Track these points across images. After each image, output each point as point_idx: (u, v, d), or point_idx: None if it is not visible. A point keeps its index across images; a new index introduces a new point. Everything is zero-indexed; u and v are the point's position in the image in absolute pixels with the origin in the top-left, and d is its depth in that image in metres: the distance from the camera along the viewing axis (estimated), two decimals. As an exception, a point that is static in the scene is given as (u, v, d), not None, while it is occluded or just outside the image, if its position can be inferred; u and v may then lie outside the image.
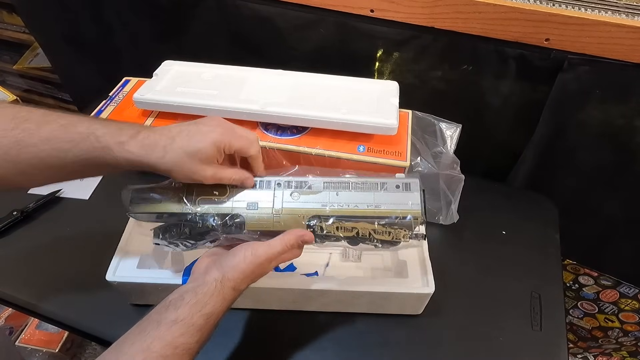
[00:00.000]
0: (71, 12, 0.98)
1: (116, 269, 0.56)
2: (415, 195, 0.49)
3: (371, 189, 0.49)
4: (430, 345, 0.59)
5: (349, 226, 0.48)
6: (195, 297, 0.41)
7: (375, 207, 0.48)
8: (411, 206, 0.48)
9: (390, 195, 0.49)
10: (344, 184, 0.50)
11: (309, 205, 0.48)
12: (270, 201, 0.49)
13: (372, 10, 0.72)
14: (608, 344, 1.08)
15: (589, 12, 0.64)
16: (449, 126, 0.70)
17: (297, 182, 0.50)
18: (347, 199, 0.49)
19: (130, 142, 0.42)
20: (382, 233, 0.48)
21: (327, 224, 0.48)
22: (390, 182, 0.50)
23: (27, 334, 1.12)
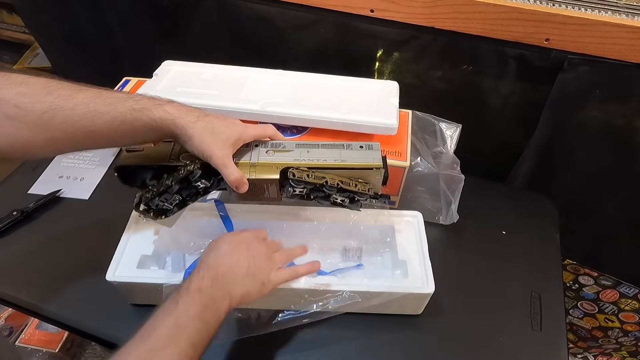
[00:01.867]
0: (71, 12, 0.98)
1: (116, 269, 0.56)
2: (376, 153, 0.54)
3: (338, 147, 0.55)
4: (430, 345, 0.59)
5: (319, 175, 0.52)
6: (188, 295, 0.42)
7: (341, 161, 0.53)
8: (374, 160, 0.53)
9: (355, 152, 0.54)
10: (314, 145, 0.55)
11: (282, 159, 0.53)
12: (248, 156, 0.53)
13: (372, 10, 0.72)
14: (608, 344, 1.08)
15: (589, 12, 0.64)
16: (449, 126, 0.70)
17: (273, 144, 0.55)
18: (316, 155, 0.54)
19: (167, 105, 0.47)
20: (349, 184, 0.53)
21: (297, 171, 0.52)
22: (355, 143, 0.56)
23: (27, 334, 1.12)
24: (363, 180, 0.54)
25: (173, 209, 0.54)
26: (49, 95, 0.42)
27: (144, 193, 0.51)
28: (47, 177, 0.78)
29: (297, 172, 0.52)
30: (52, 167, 0.80)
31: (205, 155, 0.47)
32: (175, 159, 0.52)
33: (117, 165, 0.53)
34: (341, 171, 0.53)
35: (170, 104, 0.47)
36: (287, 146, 0.55)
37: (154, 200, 0.52)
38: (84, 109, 0.43)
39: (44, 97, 0.42)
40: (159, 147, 0.54)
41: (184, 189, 0.53)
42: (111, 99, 0.45)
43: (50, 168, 0.79)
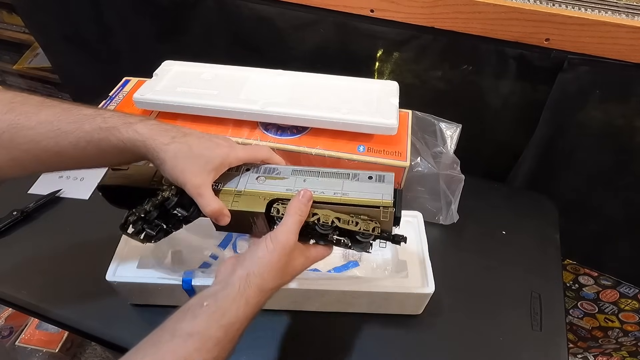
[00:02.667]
0: (71, 12, 0.98)
1: (116, 269, 0.56)
2: (388, 187, 0.45)
3: (341, 177, 0.46)
4: (430, 345, 0.59)
5: (310, 211, 0.44)
6: (216, 303, 0.37)
7: (342, 194, 0.45)
8: (382, 197, 0.44)
9: (361, 185, 0.45)
10: (313, 172, 0.47)
11: (272, 189, 0.46)
12: (234, 183, 0.47)
13: (372, 10, 0.72)
14: (608, 344, 1.08)
15: (589, 12, 0.64)
16: (449, 126, 0.70)
17: (267, 169, 0.48)
18: (313, 185, 0.46)
19: (138, 124, 0.42)
20: (348, 222, 0.43)
21: (283, 207, 0.44)
22: (363, 173, 0.47)
23: (27, 334, 1.12)
24: (367, 217, 0.44)
25: (158, 235, 0.48)
26: (11, 113, 0.39)
27: (129, 215, 0.46)
28: (47, 177, 0.78)
29: (282, 208, 0.44)
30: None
31: (179, 183, 0.43)
32: (157, 181, 0.47)
33: (99, 184, 0.50)
34: (341, 207, 0.44)
35: (143, 122, 0.42)
36: (282, 172, 0.48)
37: (137, 224, 0.47)
38: (46, 128, 0.39)
39: (4, 114, 0.39)
40: (145, 167, 0.49)
41: (165, 215, 0.47)
42: (77, 116, 0.41)
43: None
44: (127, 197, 0.48)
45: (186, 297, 0.56)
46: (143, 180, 0.48)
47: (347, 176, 0.46)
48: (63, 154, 0.41)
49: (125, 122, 0.41)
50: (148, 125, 0.42)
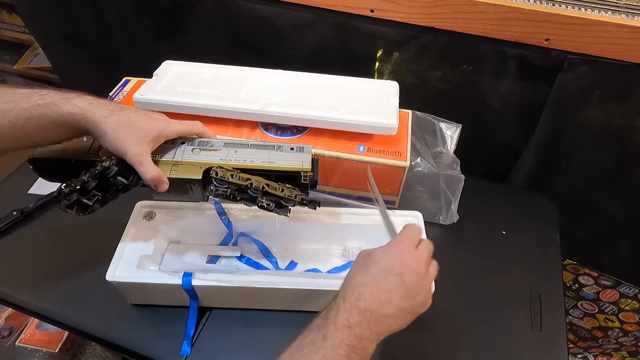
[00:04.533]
0: (71, 12, 0.98)
1: (116, 269, 0.56)
2: (307, 156, 0.52)
3: (268, 148, 0.53)
4: (430, 345, 0.59)
5: (244, 176, 0.50)
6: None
7: (269, 162, 0.51)
8: (302, 164, 0.51)
9: (285, 154, 0.52)
10: (243, 144, 0.53)
11: (207, 159, 0.51)
12: (171, 154, 0.51)
13: (372, 10, 0.72)
14: (608, 344, 1.08)
15: (589, 12, 0.64)
16: (449, 126, 0.70)
17: (201, 142, 0.53)
18: (244, 155, 0.52)
19: (76, 98, 0.44)
20: (276, 189, 0.50)
21: (221, 170, 0.50)
22: (286, 145, 0.54)
23: (27, 334, 1.12)
24: (290, 186, 0.51)
25: (94, 206, 0.50)
26: None
27: (62, 188, 0.48)
28: (47, 177, 0.78)
29: (220, 171, 0.50)
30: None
31: (119, 152, 0.45)
32: (94, 153, 0.50)
33: (30, 157, 0.50)
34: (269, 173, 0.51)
35: (80, 97, 0.45)
36: (215, 145, 0.53)
37: (71, 195, 0.48)
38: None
39: None
40: (79, 141, 0.52)
41: (102, 185, 0.50)
42: (14, 95, 0.43)
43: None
44: (61, 170, 0.50)
45: (186, 297, 0.56)
46: (79, 153, 0.51)
47: (273, 147, 0.53)
48: (4, 134, 0.42)
49: (63, 98, 0.44)
50: (86, 99, 0.45)
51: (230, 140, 0.53)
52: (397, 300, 0.40)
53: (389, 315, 0.40)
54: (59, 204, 0.48)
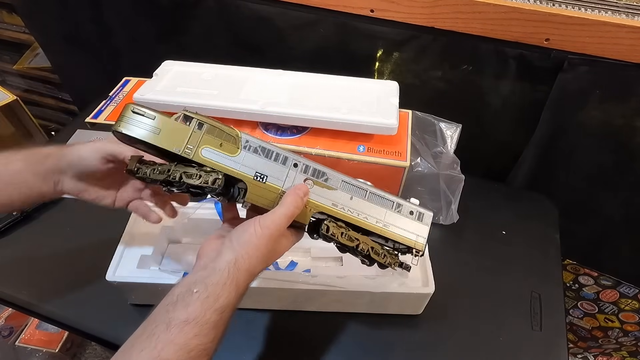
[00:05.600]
0: (71, 12, 0.98)
1: (116, 269, 0.56)
2: (424, 229, 0.47)
3: (385, 206, 0.46)
4: (430, 345, 0.59)
5: (354, 236, 0.45)
6: (206, 289, 0.37)
7: (383, 225, 0.46)
8: (417, 238, 0.47)
9: (402, 220, 0.47)
10: (360, 191, 0.46)
11: (319, 199, 0.45)
12: (281, 180, 0.44)
13: (372, 10, 0.72)
14: (608, 344, 1.08)
15: (589, 12, 0.64)
16: (449, 126, 0.70)
17: (315, 170, 0.45)
18: (359, 206, 0.46)
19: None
20: (380, 255, 0.46)
21: (333, 226, 0.44)
22: (406, 206, 0.47)
23: (27, 334, 1.12)
24: (393, 253, 0.48)
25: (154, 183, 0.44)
26: None
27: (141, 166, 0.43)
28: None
29: (332, 228, 0.44)
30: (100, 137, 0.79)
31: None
32: (193, 148, 0.42)
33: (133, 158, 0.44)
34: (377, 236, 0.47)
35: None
36: (331, 180, 0.45)
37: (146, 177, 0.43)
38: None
39: None
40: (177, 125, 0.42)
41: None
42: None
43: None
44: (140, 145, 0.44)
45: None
46: (175, 142, 0.42)
47: (391, 206, 0.47)
48: None
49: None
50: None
51: (349, 180, 0.46)
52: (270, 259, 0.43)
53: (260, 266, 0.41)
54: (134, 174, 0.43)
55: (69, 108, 1.53)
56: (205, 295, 0.37)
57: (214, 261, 0.39)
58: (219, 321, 0.37)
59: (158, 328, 0.35)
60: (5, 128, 1.17)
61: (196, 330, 0.35)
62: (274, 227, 0.40)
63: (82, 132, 0.85)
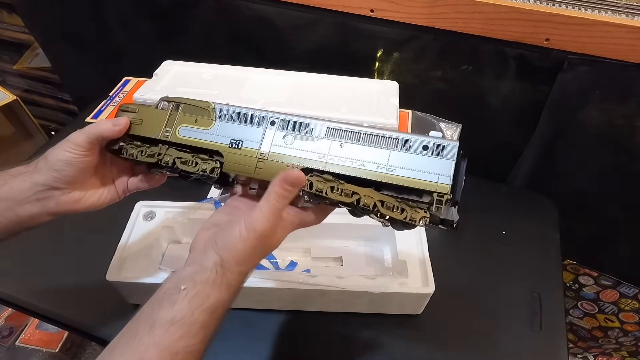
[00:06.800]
0: (71, 12, 0.98)
1: (116, 269, 0.56)
2: (447, 164, 0.37)
3: (388, 145, 0.38)
4: (430, 345, 0.59)
5: (349, 189, 0.37)
6: (195, 287, 0.35)
7: (387, 170, 0.37)
8: (438, 179, 0.36)
9: (413, 158, 0.37)
10: (353, 134, 0.38)
11: (302, 154, 0.39)
12: (257, 141, 0.40)
13: (372, 10, 0.72)
14: (608, 344, 1.08)
15: (589, 12, 0.64)
16: (449, 126, 0.70)
17: (295, 124, 0.40)
18: (352, 153, 0.38)
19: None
20: (393, 209, 0.37)
21: (318, 180, 0.37)
22: (417, 139, 0.37)
23: (27, 334, 1.12)
24: (415, 204, 0.37)
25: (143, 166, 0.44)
26: None
27: (126, 145, 0.43)
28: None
29: (316, 182, 0.37)
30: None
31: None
32: (171, 130, 0.42)
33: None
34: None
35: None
36: (315, 130, 0.39)
37: (132, 158, 0.43)
38: None
39: None
40: (156, 112, 0.43)
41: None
42: None
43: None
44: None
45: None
46: (154, 128, 0.43)
47: (396, 143, 0.37)
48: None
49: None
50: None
51: (336, 124, 0.39)
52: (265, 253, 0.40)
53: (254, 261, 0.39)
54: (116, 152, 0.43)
55: (69, 108, 1.53)
56: (193, 294, 0.34)
57: (202, 258, 0.37)
58: (209, 321, 0.35)
59: (141, 328, 0.33)
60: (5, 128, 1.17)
61: (183, 331, 0.33)
62: (260, 228, 0.36)
63: (82, 132, 0.85)
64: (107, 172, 0.46)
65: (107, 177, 0.46)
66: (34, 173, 0.42)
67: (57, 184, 0.42)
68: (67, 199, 0.43)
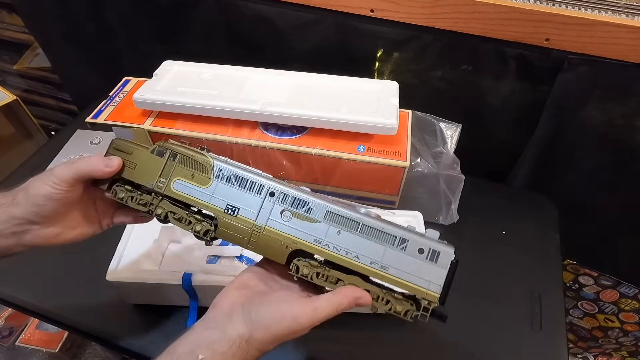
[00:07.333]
0: (71, 12, 0.98)
1: (116, 269, 0.56)
2: (440, 272, 0.37)
3: (385, 240, 0.37)
4: (430, 345, 0.59)
5: (334, 276, 0.38)
6: (212, 357, 0.33)
7: (380, 267, 0.37)
8: (429, 286, 0.36)
9: (407, 260, 0.37)
10: (351, 223, 0.38)
11: (298, 234, 0.38)
12: (254, 212, 0.39)
13: (372, 10, 0.72)
14: (608, 344, 1.08)
15: (589, 12, 0.64)
16: (449, 126, 0.70)
17: (294, 200, 0.39)
18: (348, 243, 0.37)
19: None
20: (378, 299, 0.37)
21: (304, 265, 0.38)
22: (414, 240, 0.37)
23: (27, 334, 1.12)
24: (401, 297, 0.37)
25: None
26: None
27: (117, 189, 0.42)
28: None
29: (302, 267, 0.38)
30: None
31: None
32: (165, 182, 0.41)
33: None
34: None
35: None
36: (314, 210, 0.38)
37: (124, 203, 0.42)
38: None
39: None
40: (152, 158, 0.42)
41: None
42: None
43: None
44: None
45: (186, 297, 0.56)
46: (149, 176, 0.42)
47: (392, 241, 0.37)
48: None
49: None
50: None
51: (336, 209, 0.38)
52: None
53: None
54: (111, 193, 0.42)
55: (69, 108, 1.53)
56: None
57: (226, 324, 0.35)
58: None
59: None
60: (5, 128, 1.17)
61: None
62: (307, 325, 0.34)
63: (82, 132, 0.85)
64: (90, 206, 0.44)
65: (91, 211, 0.44)
66: (11, 206, 0.39)
67: (36, 218, 0.39)
68: (45, 233, 0.41)
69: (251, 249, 0.39)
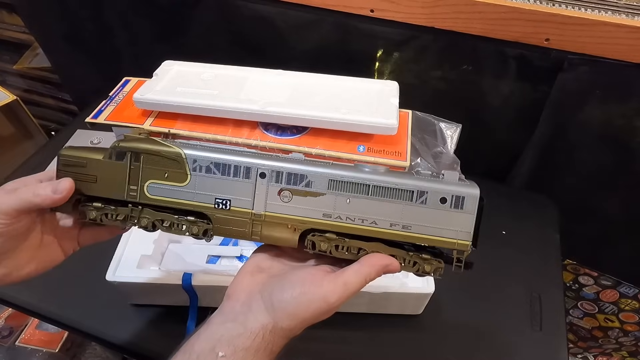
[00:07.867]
0: (71, 12, 0.98)
1: (116, 269, 0.56)
2: (467, 219, 0.34)
3: (401, 197, 0.33)
4: (430, 345, 0.59)
5: (355, 246, 0.35)
6: (234, 354, 0.30)
7: (402, 227, 0.34)
8: (458, 235, 0.34)
9: (429, 214, 0.33)
10: (360, 187, 0.34)
11: (303, 213, 0.34)
12: (248, 200, 0.35)
13: (372, 10, 0.72)
14: (608, 344, 1.08)
15: (589, 12, 0.64)
16: (449, 126, 0.70)
17: (290, 176, 0.34)
18: (361, 209, 0.34)
19: None
20: (404, 262, 0.35)
21: (321, 241, 0.34)
22: (434, 190, 0.33)
23: (27, 334, 1.12)
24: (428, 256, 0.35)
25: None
26: None
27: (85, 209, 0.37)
28: (47, 177, 0.78)
29: (319, 242, 0.34)
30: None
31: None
32: (137, 189, 0.35)
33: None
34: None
35: None
36: (315, 182, 0.34)
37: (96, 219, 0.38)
38: None
39: None
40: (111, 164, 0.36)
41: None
42: None
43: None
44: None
45: (186, 296, 0.56)
46: (117, 188, 0.36)
47: (410, 197, 0.33)
48: None
49: None
50: None
51: (339, 175, 0.34)
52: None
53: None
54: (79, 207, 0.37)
55: (69, 108, 1.53)
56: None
57: (246, 315, 0.32)
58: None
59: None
60: (5, 128, 1.17)
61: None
62: (336, 303, 0.32)
63: (82, 132, 0.85)
64: (48, 234, 0.38)
65: (48, 239, 0.38)
66: None
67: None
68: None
69: (256, 239, 0.35)
